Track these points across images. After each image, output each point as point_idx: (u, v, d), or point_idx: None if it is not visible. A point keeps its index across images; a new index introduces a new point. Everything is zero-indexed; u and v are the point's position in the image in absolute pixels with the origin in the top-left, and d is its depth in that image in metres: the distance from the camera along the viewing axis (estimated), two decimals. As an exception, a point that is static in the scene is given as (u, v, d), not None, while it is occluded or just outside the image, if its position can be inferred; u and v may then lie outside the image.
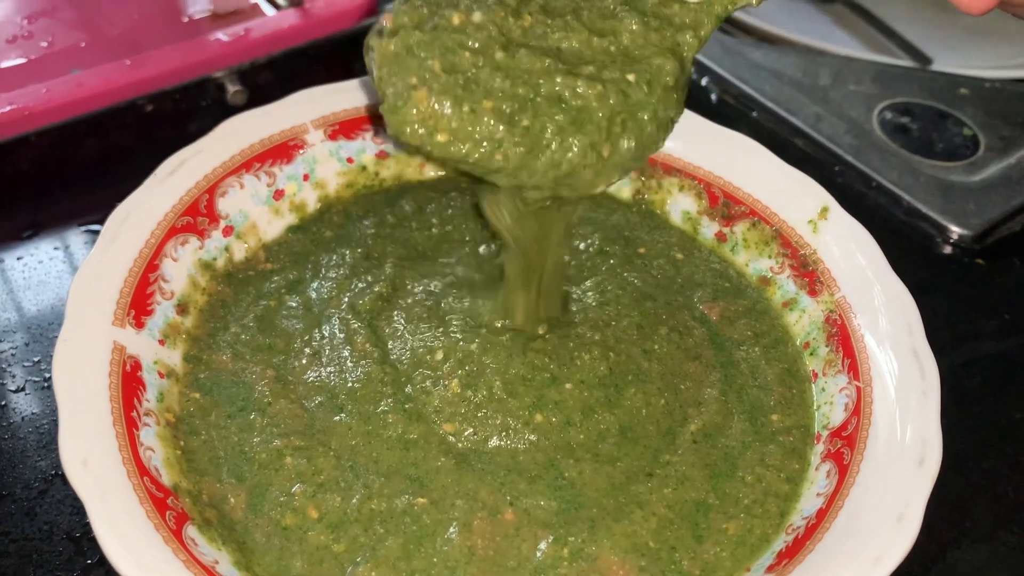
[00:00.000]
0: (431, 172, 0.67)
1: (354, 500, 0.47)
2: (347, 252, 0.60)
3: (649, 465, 0.50)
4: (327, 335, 0.55)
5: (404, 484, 0.48)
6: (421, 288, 0.58)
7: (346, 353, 0.54)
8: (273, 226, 0.61)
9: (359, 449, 0.50)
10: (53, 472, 0.53)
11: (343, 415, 0.51)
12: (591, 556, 0.46)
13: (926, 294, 0.55)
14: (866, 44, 0.94)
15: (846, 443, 0.49)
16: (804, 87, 0.82)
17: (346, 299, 0.57)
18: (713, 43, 0.86)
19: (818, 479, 0.49)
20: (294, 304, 0.57)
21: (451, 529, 0.47)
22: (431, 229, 0.63)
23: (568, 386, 0.52)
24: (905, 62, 0.89)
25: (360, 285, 0.58)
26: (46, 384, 0.58)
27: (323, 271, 0.59)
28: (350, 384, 0.52)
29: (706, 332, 0.57)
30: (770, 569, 0.45)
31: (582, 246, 0.62)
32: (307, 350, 0.55)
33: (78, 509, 0.52)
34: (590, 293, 0.58)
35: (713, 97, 0.82)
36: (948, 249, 0.70)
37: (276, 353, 0.55)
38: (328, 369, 0.53)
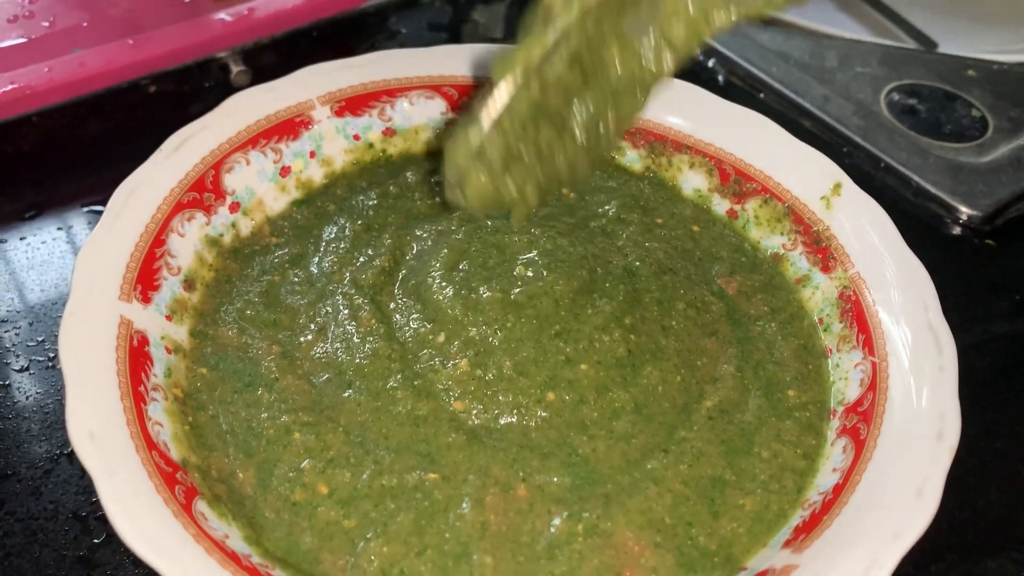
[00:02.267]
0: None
1: (364, 476, 0.47)
2: (348, 224, 0.60)
3: (664, 442, 0.50)
4: (332, 311, 0.54)
5: (415, 460, 0.48)
6: (419, 260, 0.57)
7: (352, 329, 0.53)
8: (279, 203, 0.61)
9: (368, 425, 0.49)
10: (58, 452, 0.53)
11: (351, 391, 0.51)
12: (606, 532, 0.46)
13: (936, 275, 0.54)
14: (870, 28, 0.94)
15: (862, 418, 0.49)
16: (811, 69, 0.81)
17: (348, 273, 0.56)
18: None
19: (834, 454, 0.49)
20: (298, 279, 0.57)
21: (463, 505, 0.46)
22: (434, 198, 0.62)
23: (584, 367, 0.51)
24: (911, 45, 0.88)
25: (361, 259, 0.57)
26: (50, 364, 0.57)
27: (325, 244, 0.59)
28: (357, 360, 0.52)
29: (723, 307, 0.57)
30: (787, 544, 0.45)
31: (599, 211, 0.62)
32: (312, 326, 0.54)
33: (84, 488, 0.51)
34: (613, 261, 0.57)
35: (720, 78, 0.81)
36: (958, 230, 0.70)
37: (282, 329, 0.54)
38: (335, 345, 0.53)
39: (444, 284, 0.54)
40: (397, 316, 0.54)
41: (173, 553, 0.40)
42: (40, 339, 0.59)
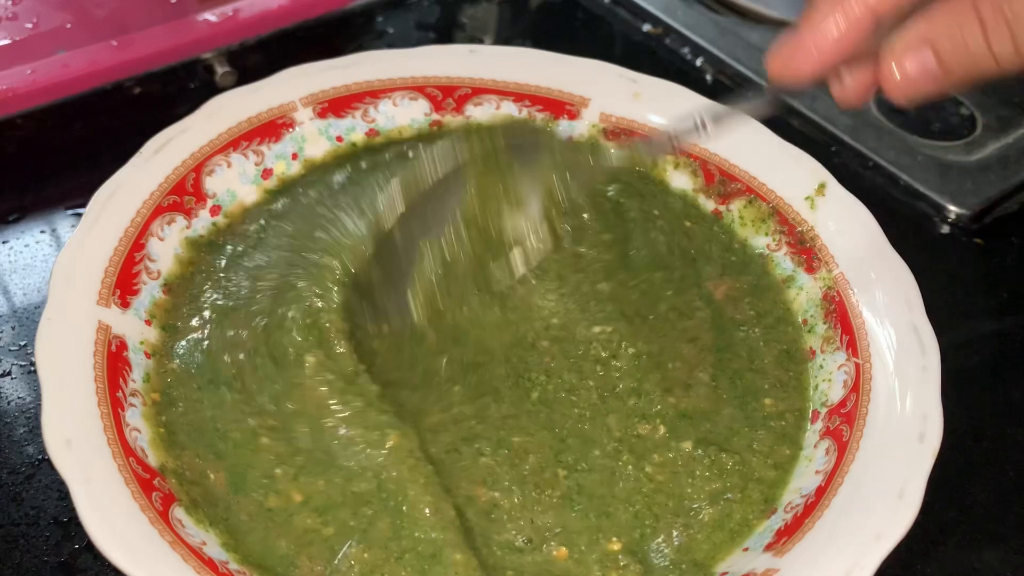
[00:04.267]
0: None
1: (337, 481, 0.46)
2: (313, 202, 0.59)
3: (621, 447, 0.50)
4: (291, 304, 0.53)
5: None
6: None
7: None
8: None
9: (329, 425, 0.49)
10: (40, 457, 0.52)
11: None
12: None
13: (924, 274, 0.54)
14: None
15: (845, 420, 0.49)
16: (800, 67, 0.81)
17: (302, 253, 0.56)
18: (708, 23, 0.85)
19: (816, 456, 0.49)
20: (262, 265, 0.56)
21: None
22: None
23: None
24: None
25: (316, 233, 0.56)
26: (33, 369, 0.57)
27: (287, 226, 0.58)
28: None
29: (709, 314, 0.56)
30: (769, 547, 0.45)
31: (599, 187, 0.61)
32: (271, 317, 0.53)
33: (65, 494, 0.50)
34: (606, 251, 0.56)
35: (708, 78, 0.81)
36: (946, 228, 0.70)
37: (241, 322, 0.53)
38: (288, 339, 0.52)
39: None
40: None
41: (149, 561, 0.39)
42: (23, 343, 0.58)
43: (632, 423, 0.50)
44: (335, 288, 0.51)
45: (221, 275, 0.56)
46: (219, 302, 0.54)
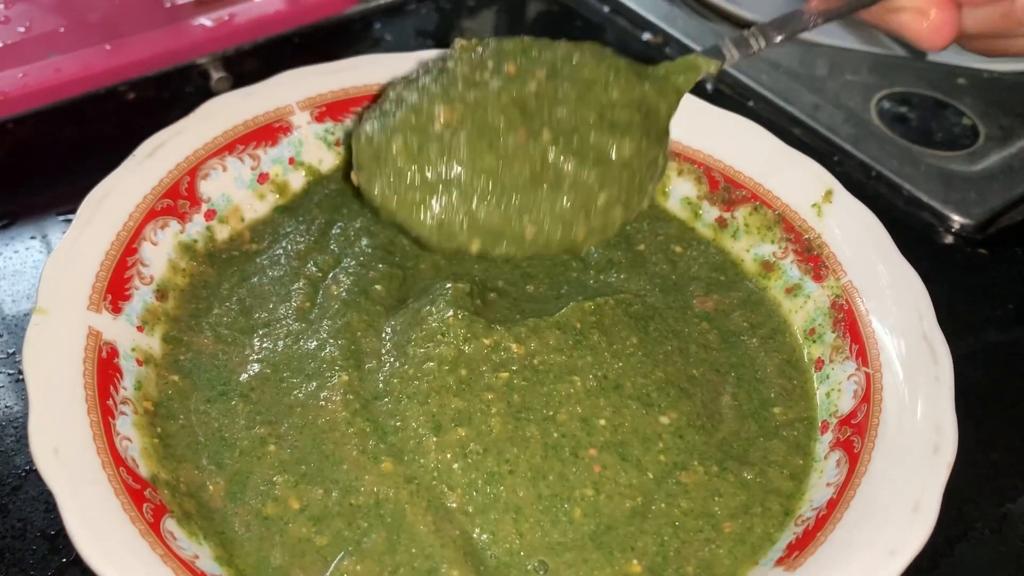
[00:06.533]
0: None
1: (334, 494, 0.45)
2: (318, 219, 0.59)
3: (655, 488, 0.48)
4: (304, 319, 0.53)
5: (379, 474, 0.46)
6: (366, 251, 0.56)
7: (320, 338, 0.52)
8: (257, 209, 0.59)
9: (339, 440, 0.48)
10: (28, 468, 0.51)
11: (323, 403, 0.49)
12: None
13: (928, 284, 0.53)
14: (859, 36, 0.93)
15: (856, 431, 0.48)
16: (801, 77, 0.80)
17: (308, 268, 0.56)
18: (707, 33, 0.84)
19: (827, 468, 0.48)
20: (275, 284, 0.55)
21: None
22: None
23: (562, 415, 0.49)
24: (900, 53, 0.88)
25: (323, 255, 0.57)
26: (21, 377, 0.55)
27: (294, 244, 0.58)
28: (324, 369, 0.50)
29: (714, 334, 0.55)
30: (780, 562, 0.44)
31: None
32: (287, 334, 0.53)
33: (53, 506, 0.48)
34: (593, 332, 0.52)
35: (709, 87, 0.80)
36: (950, 239, 0.69)
37: (259, 337, 0.53)
38: (306, 353, 0.51)
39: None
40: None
41: (138, 574, 0.38)
42: (11, 351, 0.57)
43: (671, 470, 0.48)
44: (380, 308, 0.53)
45: (233, 290, 0.55)
46: (231, 318, 0.53)
